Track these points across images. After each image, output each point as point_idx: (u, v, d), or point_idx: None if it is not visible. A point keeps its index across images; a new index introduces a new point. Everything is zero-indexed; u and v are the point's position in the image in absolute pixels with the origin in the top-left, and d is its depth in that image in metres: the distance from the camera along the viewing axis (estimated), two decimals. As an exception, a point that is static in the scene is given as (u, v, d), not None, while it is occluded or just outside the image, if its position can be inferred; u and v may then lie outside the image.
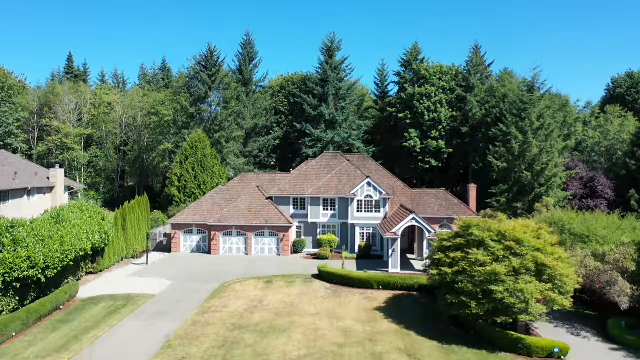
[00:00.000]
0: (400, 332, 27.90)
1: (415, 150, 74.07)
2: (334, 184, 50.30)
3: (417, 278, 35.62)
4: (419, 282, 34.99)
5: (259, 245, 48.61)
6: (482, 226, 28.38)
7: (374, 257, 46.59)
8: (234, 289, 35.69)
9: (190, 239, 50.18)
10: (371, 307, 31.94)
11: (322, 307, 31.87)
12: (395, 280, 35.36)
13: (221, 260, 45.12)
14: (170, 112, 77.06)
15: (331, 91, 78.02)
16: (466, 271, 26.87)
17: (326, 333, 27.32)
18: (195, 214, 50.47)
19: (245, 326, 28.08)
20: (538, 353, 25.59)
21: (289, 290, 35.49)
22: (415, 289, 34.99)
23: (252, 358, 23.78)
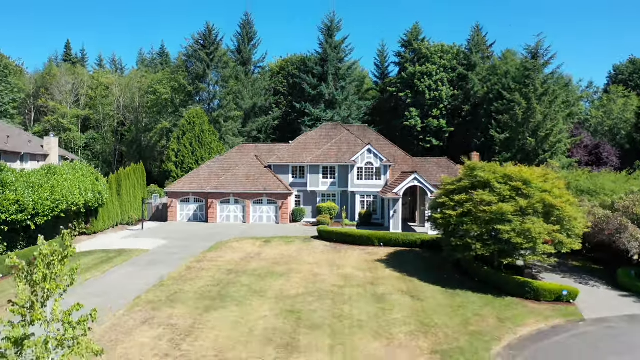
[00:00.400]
0: (402, 278, 26.91)
1: (416, 129, 73.08)
2: (334, 152, 49.31)
3: (419, 235, 34.65)
4: (421, 238, 34.00)
5: (257, 214, 47.60)
6: (487, 169, 27.39)
7: (374, 225, 45.49)
8: (231, 246, 34.68)
9: (187, 208, 49.16)
10: (372, 259, 30.94)
11: (321, 258, 30.89)
12: (397, 236, 34.35)
13: (218, 227, 44.10)
14: (168, 90, 76.01)
15: (331, 70, 77.02)
16: (471, 212, 25.87)
17: (325, 278, 26.34)
18: (192, 182, 49.44)
19: (241, 271, 27.08)
20: (546, 297, 24.56)
21: (287, 247, 34.50)
22: (418, 245, 33.98)
23: (247, 293, 22.77)
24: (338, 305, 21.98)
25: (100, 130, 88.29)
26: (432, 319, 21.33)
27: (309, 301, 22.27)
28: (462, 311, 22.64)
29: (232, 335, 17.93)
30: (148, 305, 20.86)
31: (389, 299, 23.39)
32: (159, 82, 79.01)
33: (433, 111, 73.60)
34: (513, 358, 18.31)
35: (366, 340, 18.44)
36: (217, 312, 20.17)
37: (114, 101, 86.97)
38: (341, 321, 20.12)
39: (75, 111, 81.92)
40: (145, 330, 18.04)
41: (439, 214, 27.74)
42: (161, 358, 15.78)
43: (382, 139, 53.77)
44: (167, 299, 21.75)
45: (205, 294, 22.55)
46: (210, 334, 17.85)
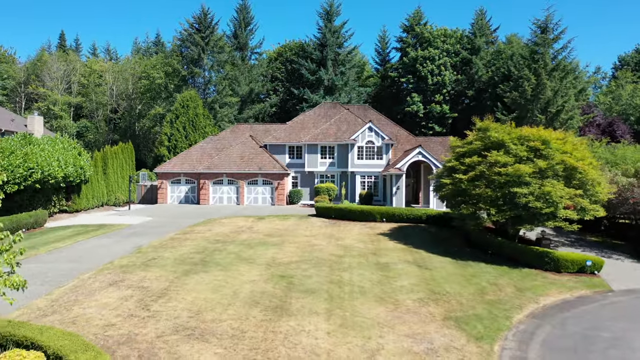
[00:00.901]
0: (408, 250, 24.39)
1: (418, 115, 70.56)
2: (333, 130, 46.80)
3: (425, 209, 32.13)
4: (427, 213, 31.47)
5: (251, 195, 45.07)
6: (501, 130, 24.87)
7: None
8: (221, 222, 32.15)
9: (178, 190, 46.60)
10: (374, 233, 28.42)
11: (319, 232, 28.36)
12: (401, 211, 31.82)
13: (210, 209, 41.53)
14: (162, 75, 73.49)
15: (330, 55, 74.57)
16: (484, 175, 23.36)
17: (323, 247, 23.82)
18: (184, 163, 46.92)
19: (230, 241, 24.56)
20: (567, 268, 22.06)
21: (282, 222, 31.96)
22: (423, 221, 31.45)
23: (234, 260, 20.24)
24: (336, 273, 19.46)
25: (93, 119, 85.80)
26: (443, 287, 18.82)
27: (304, 268, 19.74)
28: (475, 280, 20.14)
29: (212, 297, 15.40)
30: (119, 269, 18.32)
31: (393, 267, 20.87)
32: (153, 67, 76.49)
33: (436, 97, 71.13)
34: (537, 326, 15.82)
35: (369, 305, 15.93)
36: (197, 276, 17.63)
37: (107, 89, 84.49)
38: (340, 287, 17.60)
39: (67, 98, 79.39)
40: (111, 291, 15.51)
41: (448, 179, 25.19)
42: (124, 318, 13.23)
43: (383, 118, 51.27)
44: (143, 263, 19.21)
45: (186, 259, 20.02)
46: (187, 296, 15.32)
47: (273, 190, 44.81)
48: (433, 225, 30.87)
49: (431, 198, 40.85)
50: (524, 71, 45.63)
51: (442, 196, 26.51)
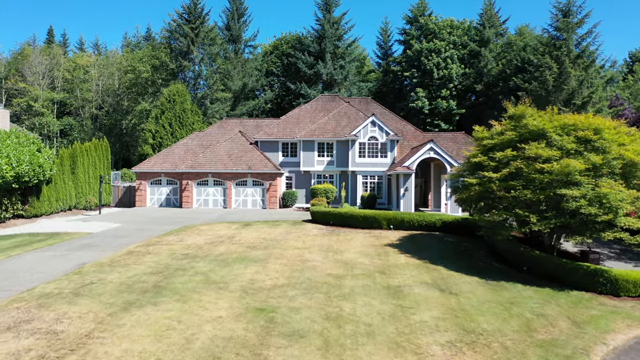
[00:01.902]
0: (424, 266, 19.52)
1: (423, 111, 65.72)
2: (331, 125, 41.96)
3: (440, 215, 27.26)
4: (442, 219, 26.59)
5: (240, 197, 40.20)
6: (540, 116, 20.06)
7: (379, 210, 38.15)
8: (199, 229, 27.28)
9: (158, 192, 41.72)
10: (380, 243, 23.51)
11: (313, 242, 23.46)
12: (411, 217, 26.93)
13: (193, 213, 36.62)
14: (148, 68, 68.63)
15: (329, 48, 69.84)
16: (521, 173, 18.52)
17: (318, 265, 18.95)
18: (165, 161, 42.04)
19: (201, 256, 19.67)
20: (629, 291, 17.27)
21: (271, 230, 27.08)
22: (438, 228, 26.57)
23: (200, 285, 15.37)
24: (334, 302, 14.58)
25: (78, 117, 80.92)
26: (477, 322, 13.97)
27: (291, 295, 14.86)
28: (517, 310, 15.29)
29: (152, 350, 10.52)
30: (36, 300, 13.43)
31: (409, 292, 16.02)
32: (139, 60, 71.62)
33: (442, 91, 66.31)
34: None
35: (380, 357, 11.07)
36: (141, 312, 12.73)
37: (93, 84, 79.62)
38: (340, 326, 12.74)
39: (49, 94, 74.53)
40: (4, 340, 10.62)
41: (474, 178, 20.33)
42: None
43: (387, 112, 46.44)
44: (73, 291, 14.31)
45: (134, 285, 15.14)
46: (115, 349, 10.43)
47: (264, 192, 39.95)
48: (450, 234, 26.02)
49: (442, 201, 36.06)
50: (545, 58, 40.76)
51: (464, 199, 21.64)
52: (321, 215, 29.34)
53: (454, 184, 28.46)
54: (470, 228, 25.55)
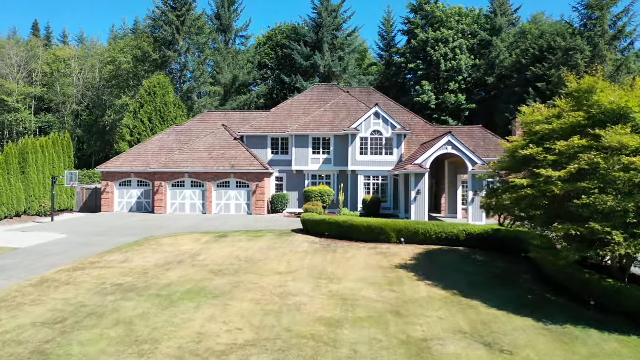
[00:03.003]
0: (454, 300, 13.85)
1: (429, 106, 60.08)
2: (329, 118, 36.36)
3: (463, 225, 21.60)
4: (467, 230, 20.92)
5: (222, 201, 34.54)
6: (613, 92, 14.45)
7: (384, 217, 32.45)
8: (160, 242, 21.60)
9: (128, 194, 36.05)
10: (389, 264, 17.83)
11: (301, 263, 17.77)
12: (427, 228, 21.25)
13: (164, 220, 30.94)
14: (129, 59, 63.00)
15: (327, 38, 64.34)
16: (597, 170, 12.90)
17: (305, 302, 13.27)
18: (136, 159, 36.39)
19: (141, 288, 14.00)
20: None
21: (249, 244, 21.39)
22: (462, 242, 20.90)
23: (110, 348, 9.70)
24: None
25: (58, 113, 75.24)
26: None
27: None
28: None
29: None
30: None
31: (440, 353, 10.37)
32: (120, 50, 66.02)
33: (450, 85, 60.80)
34: None
35: None
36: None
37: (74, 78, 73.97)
38: None
39: (26, 89, 68.92)
40: None
41: (525, 178, 14.68)
42: None
43: (392, 103, 40.81)
44: None
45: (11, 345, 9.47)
46: None
47: (250, 195, 34.32)
48: (477, 250, 20.37)
49: (459, 206, 30.50)
50: (576, 40, 35.06)
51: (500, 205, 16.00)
52: (314, 225, 23.68)
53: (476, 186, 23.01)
54: (504, 243, 19.95)
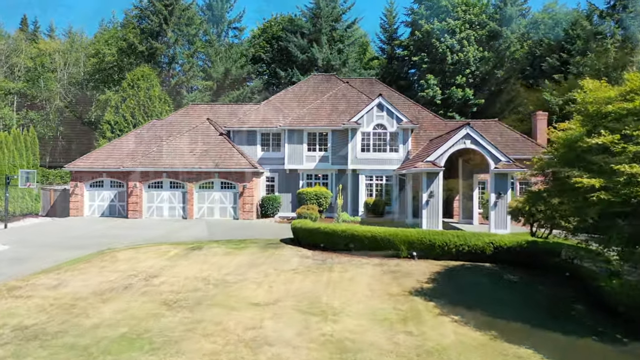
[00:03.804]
0: (496, 349, 9.71)
1: (435, 102, 55.93)
2: (326, 111, 32.36)
3: (489, 236, 17.53)
4: (495, 242, 16.87)
5: (204, 204, 30.52)
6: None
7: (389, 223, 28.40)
8: (114, 258, 17.52)
9: (99, 197, 31.98)
10: (401, 289, 13.75)
11: (286, 289, 13.66)
12: (446, 239, 17.18)
13: (135, 227, 26.86)
14: (114, 51, 58.98)
15: (325, 29, 60.42)
16: None
17: (285, 354, 9.17)
18: (109, 157, 32.35)
19: (51, 334, 9.88)
20: None
21: (226, 259, 17.31)
22: (488, 257, 16.86)
23: None
24: None
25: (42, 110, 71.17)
26: None
27: None
28: None
29: None
30: None
31: None
32: (105, 41, 62.02)
33: (457, 78, 56.69)
34: None
35: None
36: None
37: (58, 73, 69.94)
38: None
39: (6, 83, 64.90)
40: None
41: (595, 176, 10.62)
42: None
43: (396, 94, 36.78)
44: None
45: None
46: None
47: (237, 197, 30.29)
48: (507, 267, 16.35)
49: (475, 209, 26.49)
50: (605, 23, 30.97)
51: (563, 214, 11.97)
52: (307, 234, 19.64)
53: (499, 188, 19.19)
54: (541, 258, 15.93)
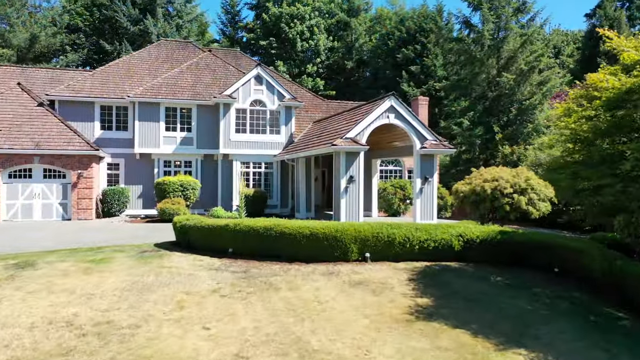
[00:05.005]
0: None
1: (285, 90, 52.39)
2: (188, 82, 25.97)
3: (453, 227, 13.82)
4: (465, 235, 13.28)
5: (18, 200, 21.73)
6: None
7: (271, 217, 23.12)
8: None
9: None
10: (400, 310, 9.12)
11: (237, 329, 7.97)
12: (408, 233, 12.94)
13: None
14: None
15: (160, 1, 52.49)
16: None
17: None
18: None
19: None
20: None
21: (89, 280, 10.58)
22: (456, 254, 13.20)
23: None
24: None
25: None
26: None
27: None
28: None
29: None
30: None
31: None
32: None
33: (307, 67, 54.11)
34: None
35: None
36: None
37: None
38: None
39: None
40: None
41: None
42: None
43: (268, 71, 31.80)
44: None
45: None
46: None
47: (67, 189, 22.21)
48: (481, 265, 12.89)
49: (374, 200, 23.24)
50: (482, 8, 30.37)
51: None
52: (205, 235, 13.70)
53: (426, 172, 16.07)
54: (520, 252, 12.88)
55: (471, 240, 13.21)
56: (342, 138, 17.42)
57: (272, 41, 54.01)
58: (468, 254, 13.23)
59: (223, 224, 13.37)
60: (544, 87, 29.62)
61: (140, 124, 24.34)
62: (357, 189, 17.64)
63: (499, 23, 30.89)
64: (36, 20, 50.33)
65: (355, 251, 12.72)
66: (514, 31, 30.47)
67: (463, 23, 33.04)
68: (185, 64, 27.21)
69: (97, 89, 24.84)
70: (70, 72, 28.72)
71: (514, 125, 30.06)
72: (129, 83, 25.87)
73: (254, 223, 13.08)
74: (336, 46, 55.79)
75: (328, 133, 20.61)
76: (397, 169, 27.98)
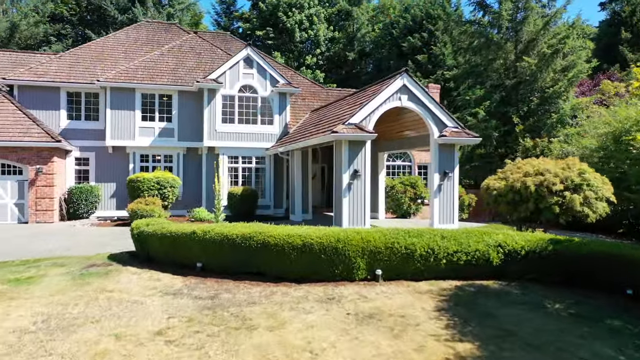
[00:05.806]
0: None
1: (283, 83, 49.28)
2: (169, 65, 22.87)
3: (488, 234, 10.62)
4: (504, 245, 10.11)
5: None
6: None
7: (263, 219, 19.77)
8: None
9: None
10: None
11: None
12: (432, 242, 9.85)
13: None
14: None
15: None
16: None
17: None
18: None
19: None
20: None
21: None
22: (494, 270, 10.06)
23: None
24: None
25: None
26: None
27: None
28: None
29: None
30: None
31: None
32: None
33: (307, 58, 50.99)
34: None
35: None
36: None
37: None
38: None
39: None
40: None
41: None
42: None
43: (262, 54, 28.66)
44: None
45: None
46: None
47: (25, 187, 19.10)
48: (529, 283, 9.74)
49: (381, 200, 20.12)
50: None
51: None
52: (167, 244, 10.60)
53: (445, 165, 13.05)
54: (573, 268, 9.74)
55: (514, 252, 10.09)
56: (344, 124, 14.28)
57: (269, 31, 50.87)
58: (509, 269, 10.12)
59: (189, 231, 10.22)
60: (570, 72, 26.45)
61: (113, 113, 21.21)
62: (363, 185, 14.49)
63: (518, 3, 27.71)
64: (17, 8, 47.32)
65: (362, 267, 9.60)
66: (535, 11, 27.28)
67: (477, 4, 29.89)
68: (167, 46, 24.10)
69: (64, 73, 21.72)
70: (37, 56, 25.54)
71: (536, 115, 26.90)
72: (101, 67, 22.77)
73: (230, 230, 9.92)
74: (337, 37, 52.62)
75: (327, 120, 17.48)
76: (407, 164, 24.80)
